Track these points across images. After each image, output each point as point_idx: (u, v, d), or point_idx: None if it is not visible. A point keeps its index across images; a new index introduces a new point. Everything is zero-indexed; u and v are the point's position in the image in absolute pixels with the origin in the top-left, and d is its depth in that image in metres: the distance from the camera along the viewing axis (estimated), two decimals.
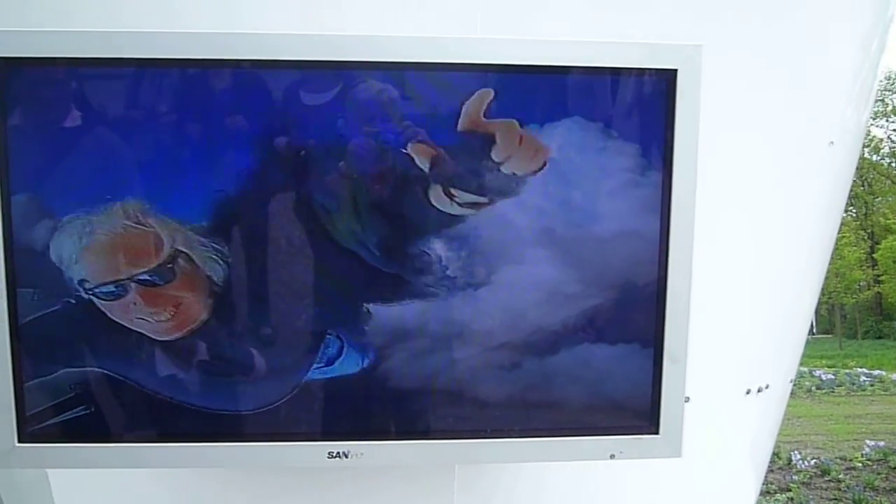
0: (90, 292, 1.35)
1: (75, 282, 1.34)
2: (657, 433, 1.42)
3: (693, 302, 1.42)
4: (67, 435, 1.38)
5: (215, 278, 1.36)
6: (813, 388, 15.55)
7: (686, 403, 1.45)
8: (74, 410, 1.37)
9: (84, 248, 1.33)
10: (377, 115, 1.34)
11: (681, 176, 1.39)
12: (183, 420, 1.38)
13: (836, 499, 7.99)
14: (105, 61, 1.30)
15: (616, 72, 1.37)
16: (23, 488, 1.94)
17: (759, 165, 2.00)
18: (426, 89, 1.35)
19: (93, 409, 1.37)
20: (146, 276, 1.35)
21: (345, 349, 1.38)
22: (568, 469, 1.80)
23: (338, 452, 1.37)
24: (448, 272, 1.37)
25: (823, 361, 20.31)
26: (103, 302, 1.35)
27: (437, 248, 1.36)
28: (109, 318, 1.36)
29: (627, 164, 1.40)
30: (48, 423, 1.37)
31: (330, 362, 1.38)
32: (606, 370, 1.42)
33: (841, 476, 8.74)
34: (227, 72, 1.33)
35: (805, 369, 17.42)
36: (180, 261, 1.35)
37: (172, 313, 1.36)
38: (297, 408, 1.39)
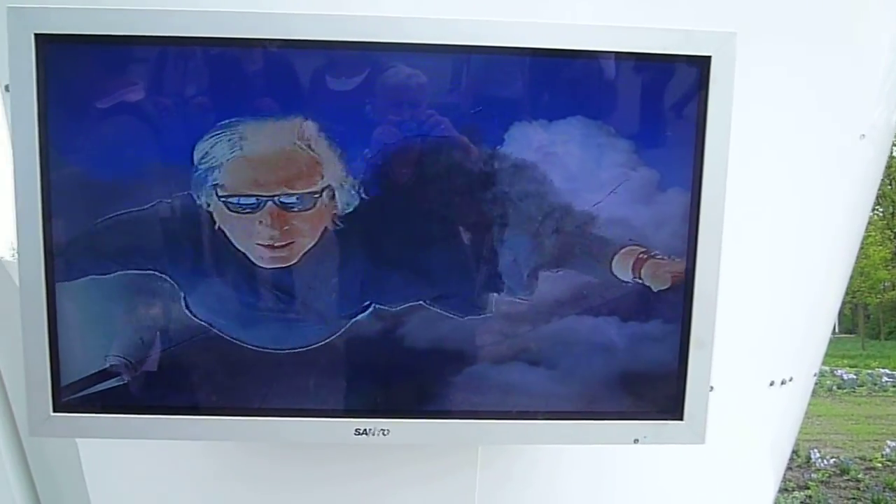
0: (223, 198, 1.35)
1: (209, 184, 1.34)
2: (681, 419, 1.43)
3: (719, 291, 1.42)
4: (101, 406, 1.40)
5: (338, 218, 1.36)
6: (834, 388, 15.43)
7: (709, 393, 1.46)
8: (109, 381, 1.39)
9: (238, 155, 1.33)
10: None
11: (712, 164, 1.38)
12: (214, 392, 1.41)
13: (854, 498, 7.93)
14: None
15: (648, 58, 1.37)
16: (53, 461, 1.98)
17: (789, 158, 2.00)
18: None
19: (128, 380, 1.40)
20: (289, 199, 1.35)
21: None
22: (587, 449, 1.82)
23: (364, 429, 1.39)
24: None
25: (845, 361, 20.13)
26: (230, 213, 1.35)
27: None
28: (216, 230, 1.36)
29: (656, 152, 1.40)
30: (82, 393, 1.40)
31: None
32: (633, 355, 1.42)
33: (860, 476, 8.67)
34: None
35: (826, 368, 17.28)
36: (325, 194, 1.35)
37: (288, 241, 1.36)
38: (334, 356, 1.40)
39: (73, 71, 1.33)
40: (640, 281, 1.40)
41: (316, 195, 1.35)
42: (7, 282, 2.03)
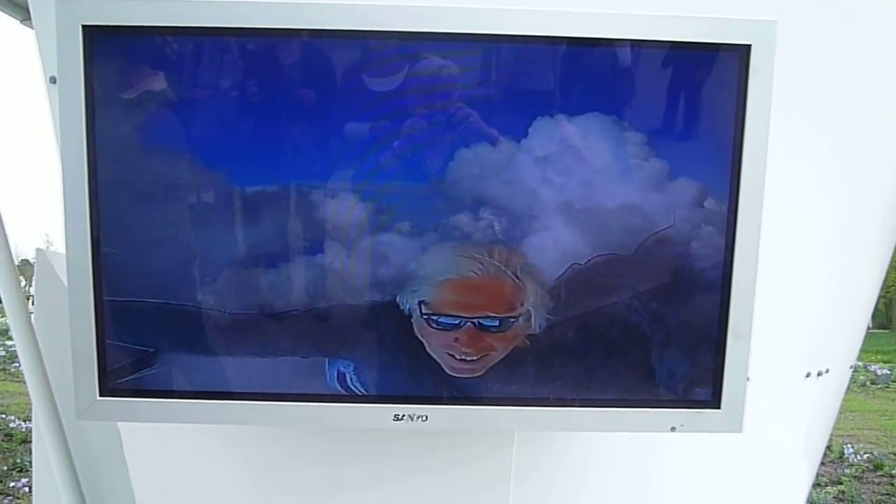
0: (426, 316, 1.39)
1: (414, 301, 1.39)
2: (719, 408, 1.43)
3: (757, 282, 1.41)
4: (146, 390, 1.44)
5: (537, 335, 1.41)
6: (867, 383, 15.22)
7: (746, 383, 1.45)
8: (154, 367, 1.43)
9: (446, 280, 1.39)
10: None
11: (751, 154, 1.38)
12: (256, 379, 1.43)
13: (888, 494, 7.83)
14: None
15: (687, 46, 1.37)
16: (94, 448, 2.02)
17: (830, 149, 1.98)
18: None
19: (172, 367, 1.43)
20: (488, 321, 1.40)
21: None
22: (622, 437, 1.83)
23: (403, 415, 1.41)
24: None
25: (879, 356, 19.81)
26: (431, 329, 1.40)
27: None
28: (415, 338, 1.41)
29: (695, 142, 1.40)
30: (128, 377, 1.43)
31: None
32: (671, 343, 1.42)
33: (894, 472, 8.56)
34: None
35: (860, 364, 17.04)
36: (522, 318, 1.40)
37: (481, 356, 1.41)
38: None
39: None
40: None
41: (513, 318, 1.40)
42: (50, 273, 2.07)
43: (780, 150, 1.45)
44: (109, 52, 1.35)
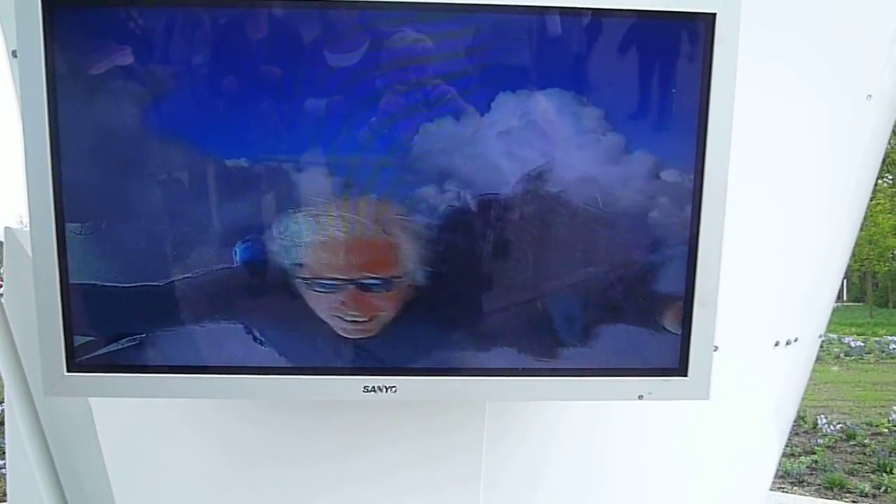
0: (302, 279, 1.38)
1: (289, 263, 1.38)
2: (686, 375, 1.44)
3: (724, 252, 1.43)
4: (113, 366, 1.43)
5: (422, 291, 1.40)
6: (841, 355, 15.45)
7: (714, 353, 1.47)
8: (121, 342, 1.42)
9: (318, 241, 1.37)
10: None
11: (716, 124, 1.38)
12: (224, 353, 1.43)
13: (860, 462, 7.97)
14: None
15: (652, 15, 1.37)
16: (65, 423, 2.02)
17: (793, 119, 2.00)
18: None
19: (140, 341, 1.42)
20: (369, 281, 1.39)
21: None
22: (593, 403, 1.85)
23: (373, 387, 1.41)
24: None
25: (853, 329, 20.14)
26: (310, 291, 1.39)
27: None
28: (303, 303, 1.40)
29: (659, 111, 1.40)
30: (94, 353, 1.42)
31: None
32: (637, 312, 1.44)
33: (866, 441, 8.71)
34: None
35: (834, 336, 17.29)
36: (406, 277, 1.39)
37: (370, 318, 1.40)
38: None
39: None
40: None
41: (397, 278, 1.39)
42: (19, 251, 2.05)
43: (749, 118, 1.46)
44: (71, 24, 1.33)
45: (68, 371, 1.41)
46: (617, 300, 1.43)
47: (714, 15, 1.35)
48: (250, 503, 1.86)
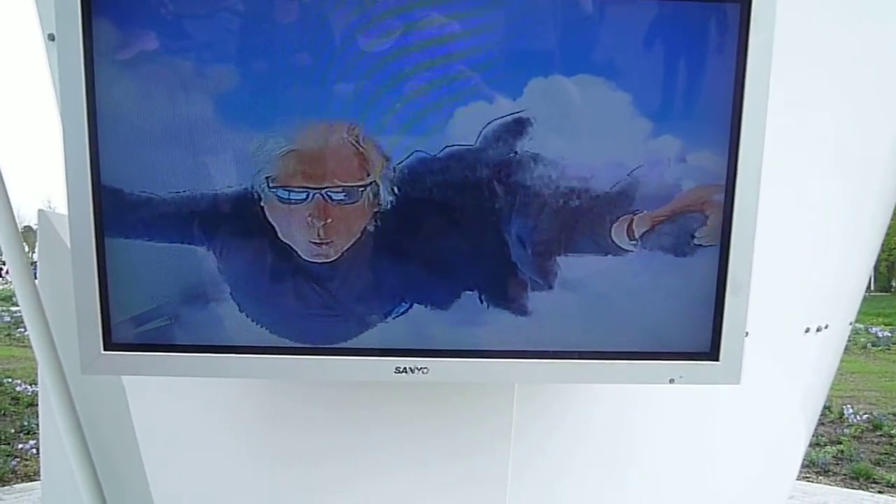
0: (273, 189, 1.39)
1: (262, 176, 1.38)
2: (717, 360, 1.44)
3: (758, 237, 1.42)
4: (148, 345, 1.45)
5: (379, 215, 1.40)
6: (868, 345, 15.30)
7: (745, 338, 1.46)
8: (158, 320, 1.44)
9: (291, 149, 1.37)
10: None
11: (751, 108, 1.37)
12: (259, 335, 1.45)
13: (886, 453, 7.91)
14: None
15: None
16: (101, 405, 2.05)
17: (830, 106, 1.97)
18: None
19: (175, 321, 1.44)
20: (337, 192, 1.40)
21: None
22: (623, 390, 1.86)
23: (405, 367, 1.42)
24: None
25: (880, 319, 19.91)
26: (280, 203, 1.39)
27: None
28: (265, 220, 1.40)
29: (695, 97, 1.39)
30: (132, 331, 1.44)
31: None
32: (671, 295, 1.43)
33: (893, 431, 8.64)
34: None
35: (861, 326, 17.12)
36: (370, 189, 1.39)
37: (332, 239, 1.41)
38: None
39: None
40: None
41: (361, 188, 1.38)
42: (52, 234, 2.08)
43: (779, 106, 1.45)
44: (109, 7, 1.34)
45: (105, 349, 1.44)
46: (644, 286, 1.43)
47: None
48: (283, 485, 1.88)
